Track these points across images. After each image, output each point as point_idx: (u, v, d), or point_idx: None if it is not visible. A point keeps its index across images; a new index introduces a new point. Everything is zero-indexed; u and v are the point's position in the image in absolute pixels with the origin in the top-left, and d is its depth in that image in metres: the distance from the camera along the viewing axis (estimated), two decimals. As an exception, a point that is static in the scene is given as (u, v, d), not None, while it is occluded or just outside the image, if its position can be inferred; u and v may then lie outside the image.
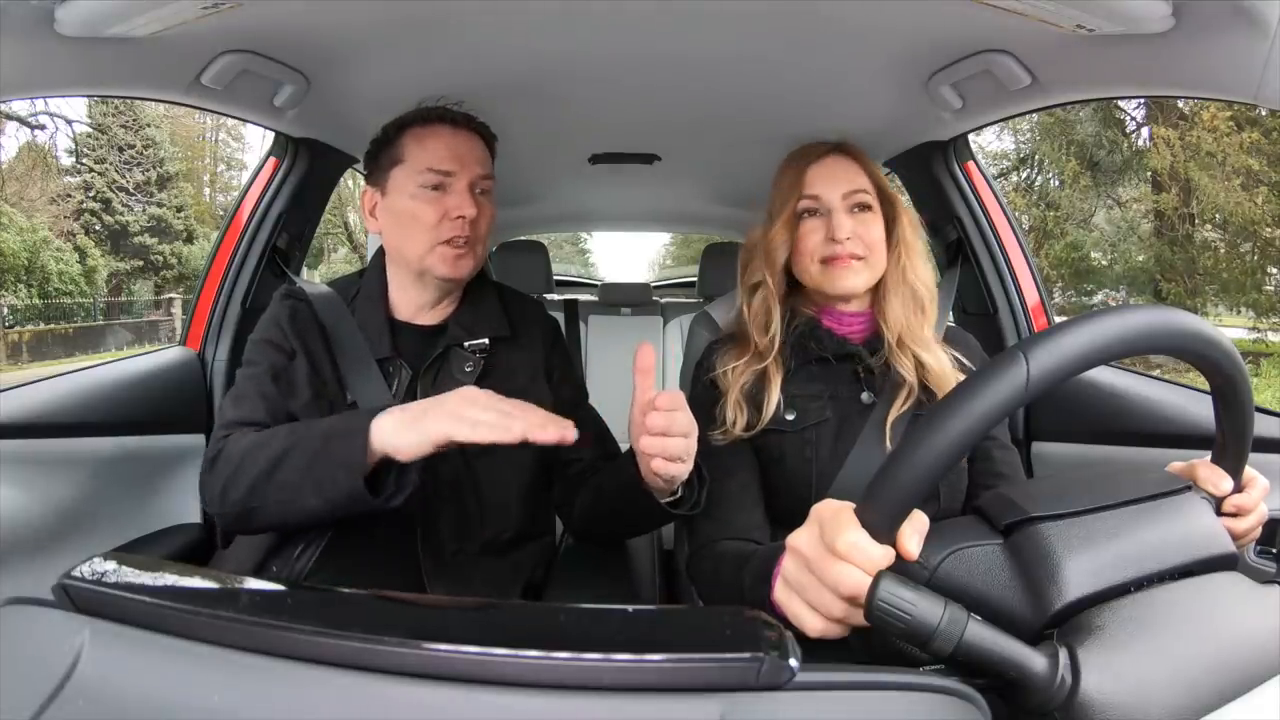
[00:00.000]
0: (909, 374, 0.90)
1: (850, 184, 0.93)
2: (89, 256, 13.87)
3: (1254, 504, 0.61)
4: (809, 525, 0.51)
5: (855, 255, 0.91)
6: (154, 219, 15.18)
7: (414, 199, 0.94)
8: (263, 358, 0.95)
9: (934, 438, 0.43)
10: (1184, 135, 9.62)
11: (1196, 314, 0.50)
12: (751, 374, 0.93)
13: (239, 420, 0.90)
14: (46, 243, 13.01)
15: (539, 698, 0.39)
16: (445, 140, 0.96)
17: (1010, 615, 0.45)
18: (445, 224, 0.94)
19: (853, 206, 0.92)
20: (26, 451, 1.09)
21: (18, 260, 12.25)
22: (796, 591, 0.50)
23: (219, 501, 0.84)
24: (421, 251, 0.94)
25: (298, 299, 1.00)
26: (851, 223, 0.91)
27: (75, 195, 14.60)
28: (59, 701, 0.40)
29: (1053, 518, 0.48)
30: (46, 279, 12.80)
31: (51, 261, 12.91)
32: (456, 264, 0.95)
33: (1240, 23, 0.74)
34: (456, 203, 0.93)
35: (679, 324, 2.39)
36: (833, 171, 0.94)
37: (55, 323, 12.88)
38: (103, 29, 0.85)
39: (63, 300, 13.09)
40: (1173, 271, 10.17)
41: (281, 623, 0.43)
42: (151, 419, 1.28)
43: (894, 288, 0.93)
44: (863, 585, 0.44)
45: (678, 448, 0.73)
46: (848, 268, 0.91)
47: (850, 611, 0.47)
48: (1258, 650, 0.42)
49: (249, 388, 0.93)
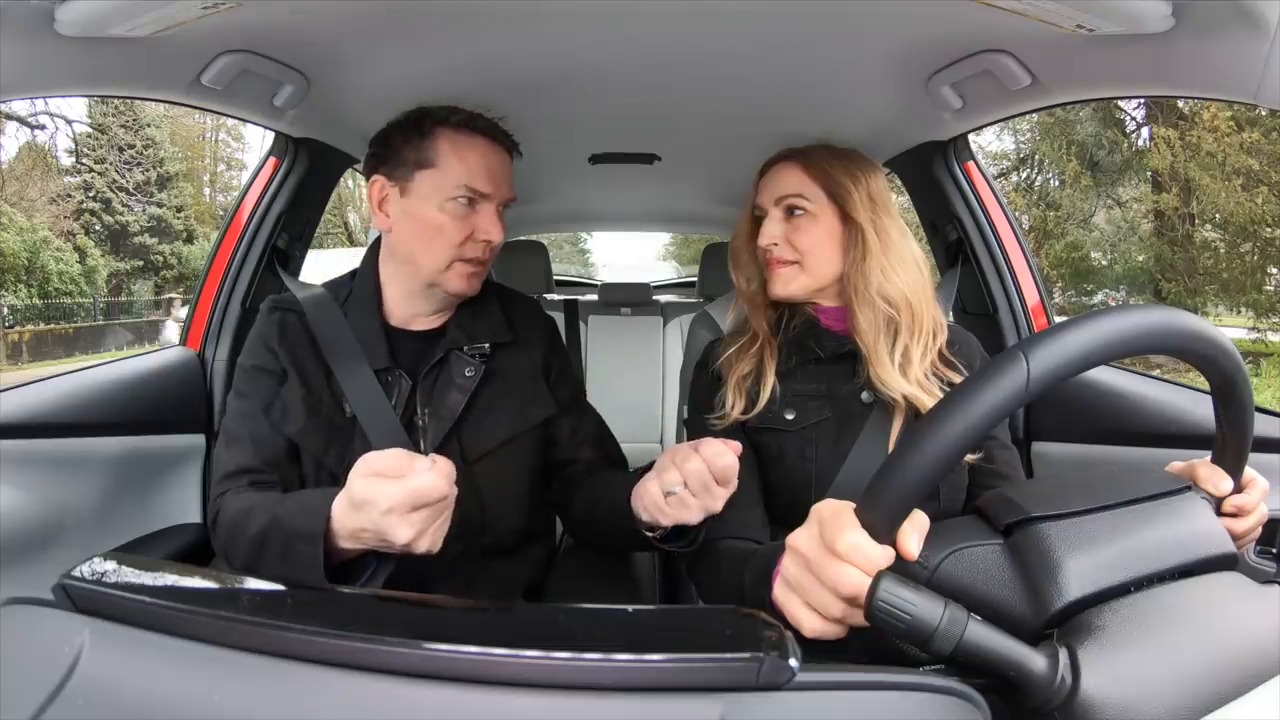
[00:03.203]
0: (894, 394, 0.87)
1: (784, 189, 0.93)
2: (89, 256, 13.90)
3: (1254, 505, 0.61)
4: (809, 525, 0.50)
5: (783, 260, 0.92)
6: (154, 219, 15.22)
7: (442, 212, 0.90)
8: (253, 389, 0.92)
9: (934, 438, 0.43)
10: (1184, 135, 9.60)
11: (1196, 314, 0.49)
12: (751, 360, 0.93)
13: (233, 471, 0.89)
14: (46, 242, 13.04)
15: (539, 698, 0.39)
16: (485, 158, 0.92)
17: (1010, 615, 0.45)
18: (470, 244, 0.91)
19: (784, 210, 0.94)
20: (26, 451, 1.09)
21: (18, 260, 12.27)
22: (796, 591, 0.50)
23: (227, 558, 0.85)
24: (439, 266, 0.91)
25: (286, 310, 0.96)
26: (782, 228, 0.92)
27: (75, 195, 14.64)
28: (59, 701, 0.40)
29: (1053, 517, 0.48)
30: (47, 279, 12.83)
31: (51, 261, 12.93)
32: (471, 281, 0.94)
33: (1240, 23, 0.74)
34: (485, 225, 0.91)
35: (679, 324, 2.39)
36: (774, 177, 0.96)
37: (55, 323, 12.90)
38: (103, 29, 0.85)
39: (63, 300, 13.12)
40: (1173, 271, 10.19)
41: (281, 623, 0.43)
42: (151, 419, 1.28)
43: (857, 298, 0.90)
44: (862, 586, 0.44)
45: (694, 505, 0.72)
46: (776, 274, 0.93)
47: (849, 612, 0.47)
48: (1258, 650, 0.42)
49: (240, 429, 0.91)
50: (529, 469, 1.00)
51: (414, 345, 0.96)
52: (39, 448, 1.11)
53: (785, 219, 0.93)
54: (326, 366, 0.92)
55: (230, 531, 0.83)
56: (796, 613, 0.50)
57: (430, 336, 0.97)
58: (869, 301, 0.89)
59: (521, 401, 0.99)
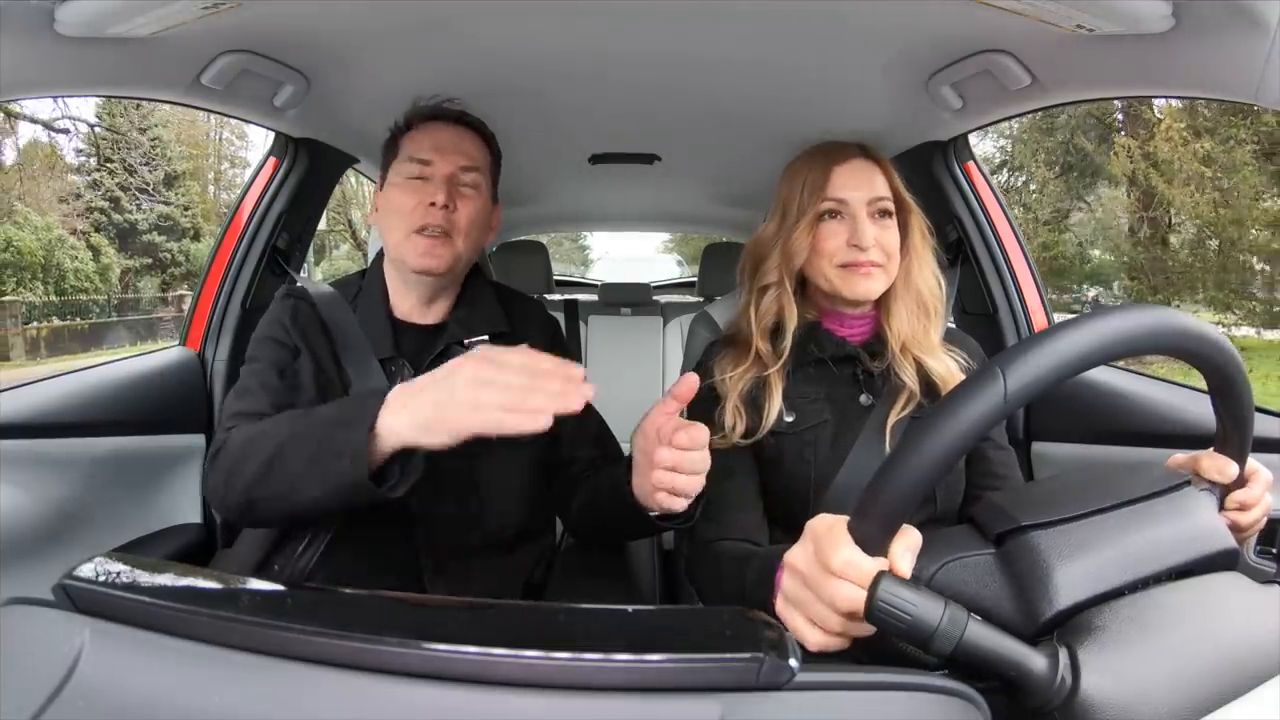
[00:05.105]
0: (910, 380, 0.90)
1: (875, 190, 0.92)
2: (103, 254, 14.18)
3: (1258, 498, 0.61)
4: (804, 542, 0.51)
5: (875, 263, 0.90)
6: (162, 217, 15.47)
7: (397, 189, 0.96)
8: (266, 354, 0.94)
9: (917, 454, 0.44)
10: (1144, 144, 10.44)
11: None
12: (751, 379, 0.92)
13: (243, 412, 0.89)
14: (62, 241, 13.33)
15: (539, 698, 0.39)
16: (430, 133, 0.97)
17: (1003, 625, 0.45)
18: (419, 210, 0.93)
19: (876, 213, 0.92)
20: (26, 451, 1.09)
21: (35, 259, 12.56)
22: (796, 607, 0.51)
23: (222, 493, 0.83)
24: (399, 239, 0.95)
25: (299, 298, 0.99)
26: (875, 230, 0.90)
27: (85, 194, 14.88)
28: (59, 701, 0.40)
29: (1044, 525, 0.48)
30: (63, 276, 13.14)
31: (67, 260, 13.24)
32: (428, 256, 0.93)
33: (1240, 23, 0.74)
34: (431, 190, 0.94)
35: (679, 324, 2.39)
36: (858, 176, 0.92)
37: (72, 319, 13.17)
38: (103, 29, 0.85)
39: (78, 297, 13.41)
40: (1139, 270, 11.11)
41: (281, 623, 0.43)
42: (151, 419, 1.28)
43: (901, 294, 0.93)
44: (858, 601, 0.45)
45: (686, 486, 0.73)
46: (868, 275, 0.90)
47: (850, 625, 0.48)
48: (1258, 650, 0.42)
49: (253, 382, 0.92)
50: (529, 466, 1.00)
51: (417, 338, 0.99)
52: (39, 448, 1.11)
53: (873, 220, 0.91)
54: (335, 354, 0.95)
55: (243, 449, 0.81)
56: (799, 627, 0.51)
57: (433, 330, 1.00)
58: (914, 295, 0.93)
59: None
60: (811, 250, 0.92)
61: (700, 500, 0.79)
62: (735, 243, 2.55)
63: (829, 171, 0.92)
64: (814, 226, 0.91)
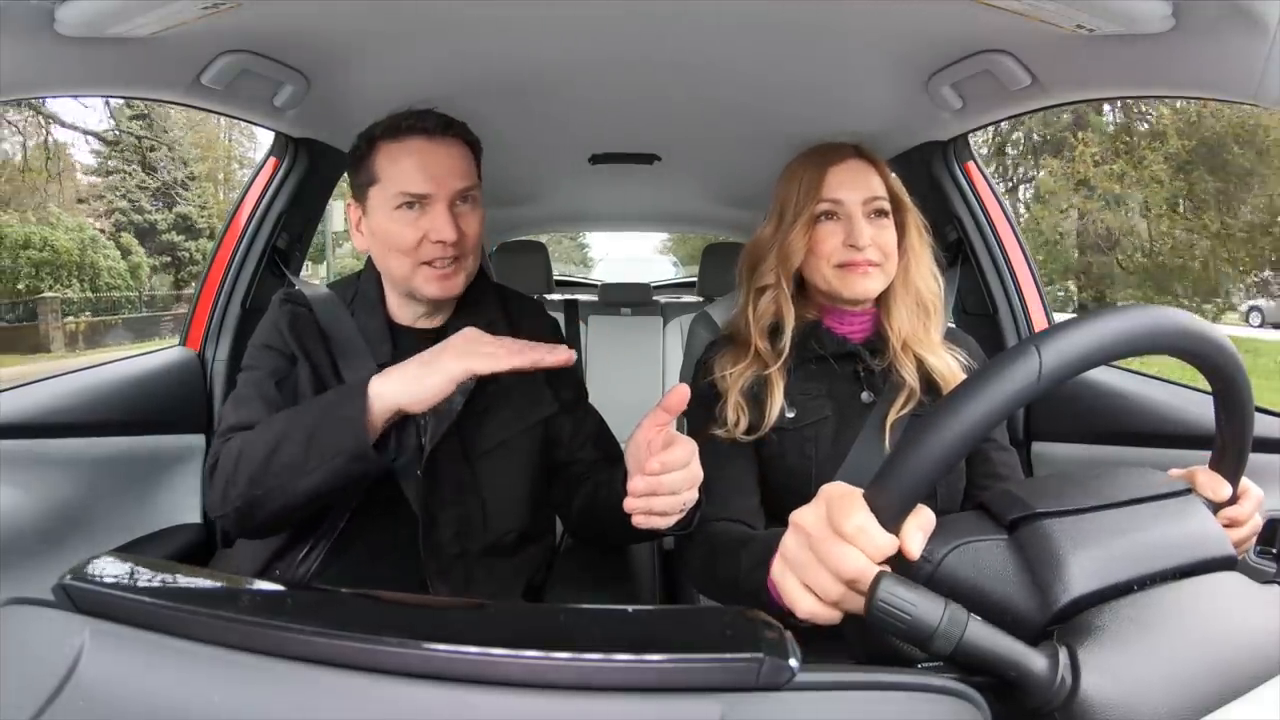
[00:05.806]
0: (911, 377, 0.90)
1: (870, 190, 0.92)
2: (133, 253, 14.96)
3: (1248, 516, 0.61)
4: (816, 503, 0.49)
5: (872, 262, 0.91)
6: (180, 217, 16.12)
7: (391, 221, 0.90)
8: (263, 362, 0.93)
9: (947, 426, 0.43)
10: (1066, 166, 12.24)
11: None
12: (751, 376, 0.92)
13: (240, 424, 0.89)
14: (95, 241, 14.05)
15: (539, 698, 0.39)
16: (418, 157, 0.90)
17: (1015, 611, 0.45)
18: (425, 246, 0.90)
19: (872, 213, 0.92)
20: (26, 451, 1.09)
21: (71, 258, 13.24)
22: (794, 570, 0.49)
23: (221, 499, 0.83)
24: (406, 273, 0.91)
25: (296, 303, 0.98)
26: (871, 229, 0.91)
27: (106, 196, 15.67)
28: (59, 701, 0.40)
29: (1058, 514, 0.47)
30: (97, 274, 13.85)
31: (101, 259, 13.97)
32: (443, 284, 0.92)
33: (1240, 23, 0.74)
34: (436, 225, 0.89)
35: (679, 324, 2.39)
36: (854, 176, 0.93)
37: (105, 314, 13.89)
38: (103, 29, 0.85)
39: (111, 294, 14.12)
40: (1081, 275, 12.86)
41: (282, 623, 0.43)
42: (151, 419, 1.28)
43: (900, 293, 0.93)
44: (864, 570, 0.44)
45: (663, 506, 0.72)
46: (865, 274, 0.91)
47: (847, 595, 0.46)
48: (1258, 650, 0.42)
49: (250, 391, 0.92)
50: (530, 468, 1.00)
51: (417, 342, 0.96)
52: (39, 448, 1.11)
53: (869, 220, 0.92)
54: (333, 360, 0.94)
55: (239, 452, 0.82)
56: (792, 592, 0.49)
57: (433, 334, 0.98)
58: (913, 294, 0.93)
59: (523, 400, 0.99)
60: (808, 251, 0.92)
61: (696, 511, 0.78)
62: (735, 243, 2.55)
63: (824, 172, 0.92)
64: (810, 227, 0.92)
